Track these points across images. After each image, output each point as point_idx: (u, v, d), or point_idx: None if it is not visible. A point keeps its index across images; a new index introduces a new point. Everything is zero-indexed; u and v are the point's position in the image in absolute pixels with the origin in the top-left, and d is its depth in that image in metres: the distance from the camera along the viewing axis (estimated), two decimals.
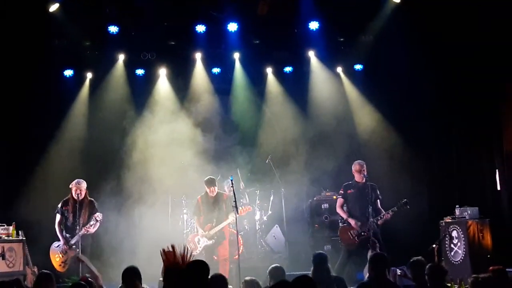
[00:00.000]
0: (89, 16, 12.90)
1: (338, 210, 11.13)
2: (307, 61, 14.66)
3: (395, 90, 13.72)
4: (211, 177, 11.67)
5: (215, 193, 11.41)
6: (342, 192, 11.15)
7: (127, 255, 12.75)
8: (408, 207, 10.42)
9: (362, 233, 10.61)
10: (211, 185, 11.43)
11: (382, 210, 10.64)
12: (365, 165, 10.99)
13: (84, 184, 11.10)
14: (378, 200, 10.82)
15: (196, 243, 11.35)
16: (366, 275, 10.42)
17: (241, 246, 12.50)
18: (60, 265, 10.85)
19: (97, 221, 10.81)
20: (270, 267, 8.25)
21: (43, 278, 7.58)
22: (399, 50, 13.04)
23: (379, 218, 10.52)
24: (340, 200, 11.14)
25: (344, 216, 10.93)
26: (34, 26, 12.57)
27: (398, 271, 8.83)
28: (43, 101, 13.20)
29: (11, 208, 12.28)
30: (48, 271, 7.72)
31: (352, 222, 10.75)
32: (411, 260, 7.74)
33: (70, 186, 11.04)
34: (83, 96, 14.05)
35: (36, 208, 12.58)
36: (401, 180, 13.02)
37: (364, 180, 10.87)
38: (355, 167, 11.02)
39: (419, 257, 7.77)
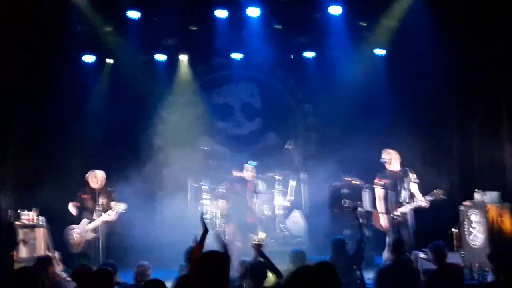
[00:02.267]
0: (110, 2, 12.95)
1: (377, 201, 11.00)
2: (329, 46, 14.56)
3: (418, 75, 13.57)
4: None
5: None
6: (377, 181, 11.01)
7: (147, 240, 12.91)
8: (442, 197, 10.30)
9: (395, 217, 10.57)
10: None
11: (418, 195, 10.53)
12: (394, 153, 10.85)
13: (101, 174, 11.22)
14: (415, 185, 10.69)
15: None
16: (385, 259, 10.49)
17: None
18: (73, 245, 10.99)
19: (118, 210, 10.94)
20: (291, 251, 8.29)
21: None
22: (422, 34, 12.89)
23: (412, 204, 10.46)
24: (379, 191, 10.97)
25: (379, 208, 10.90)
26: (56, 12, 12.63)
27: (421, 255, 8.76)
28: (65, 87, 13.24)
29: (33, 193, 12.36)
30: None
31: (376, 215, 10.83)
32: (432, 244, 7.70)
33: (87, 176, 11.14)
34: (104, 82, 14.12)
35: (57, 194, 12.65)
36: (422, 165, 12.91)
37: (397, 168, 10.77)
38: (383, 155, 10.91)
39: (440, 241, 7.73)
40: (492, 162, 12.01)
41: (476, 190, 10.87)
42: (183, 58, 14.82)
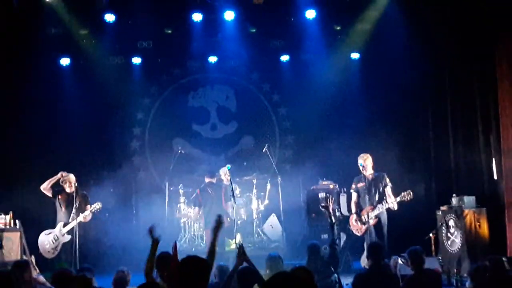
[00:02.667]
0: (86, 5, 12.84)
1: (352, 204, 11.22)
2: (303, 49, 14.63)
3: (391, 79, 13.70)
4: None
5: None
6: (353, 186, 11.26)
7: (123, 244, 12.84)
8: (409, 198, 10.44)
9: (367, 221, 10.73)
10: None
11: (390, 199, 10.67)
12: (369, 157, 11.00)
13: (73, 177, 11.12)
14: (388, 187, 10.84)
15: None
16: (363, 264, 10.57)
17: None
18: (49, 251, 10.88)
19: (93, 210, 10.87)
20: (268, 256, 8.27)
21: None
22: (396, 38, 13.01)
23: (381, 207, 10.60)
24: (354, 195, 11.23)
25: (353, 210, 11.09)
26: (30, 15, 12.51)
27: (400, 260, 8.81)
28: (39, 90, 13.14)
29: (8, 197, 12.24)
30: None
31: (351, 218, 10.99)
32: (410, 249, 7.77)
33: (61, 181, 11.05)
34: (80, 85, 13.95)
35: (32, 198, 12.55)
36: (398, 169, 13.02)
37: (370, 172, 10.90)
38: (359, 160, 11.05)
39: (417, 246, 7.80)
40: (469, 166, 12.16)
41: (453, 195, 10.97)
42: (159, 60, 14.74)
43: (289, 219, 13.21)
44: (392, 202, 10.56)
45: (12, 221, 11.00)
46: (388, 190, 10.82)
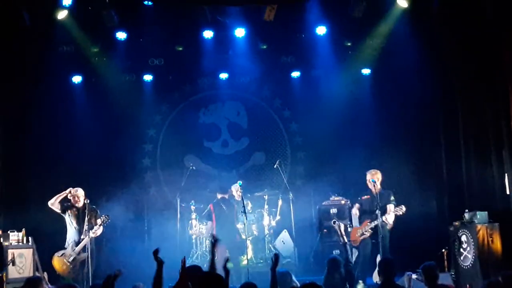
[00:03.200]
0: (97, 23, 12.95)
1: (353, 218, 11.47)
2: (314, 65, 14.67)
3: (402, 94, 13.71)
4: None
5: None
6: (359, 199, 11.44)
7: (136, 260, 12.85)
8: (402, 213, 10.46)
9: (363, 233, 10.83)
10: None
11: (389, 215, 10.68)
12: (377, 173, 11.01)
13: (80, 191, 11.14)
14: (391, 205, 10.86)
15: None
16: (375, 280, 10.52)
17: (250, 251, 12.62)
18: (69, 272, 10.87)
19: (102, 224, 10.89)
20: (278, 272, 8.26)
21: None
22: (406, 54, 13.01)
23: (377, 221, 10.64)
24: (356, 206, 11.42)
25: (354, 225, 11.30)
26: (42, 33, 12.63)
27: (414, 276, 8.73)
28: (52, 108, 13.27)
29: (21, 214, 12.32)
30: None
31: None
32: (424, 265, 7.74)
33: (70, 196, 11.06)
34: (92, 102, 14.05)
35: (45, 215, 12.60)
36: (410, 185, 13.00)
37: (378, 188, 10.89)
38: (368, 176, 11.08)
39: (431, 262, 7.76)
40: (481, 181, 12.07)
41: (465, 210, 10.90)
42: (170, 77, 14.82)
43: (300, 235, 13.19)
44: (386, 217, 10.62)
45: (25, 237, 11.09)
46: (391, 207, 10.85)
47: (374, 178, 10.95)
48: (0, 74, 12.27)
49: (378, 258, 10.51)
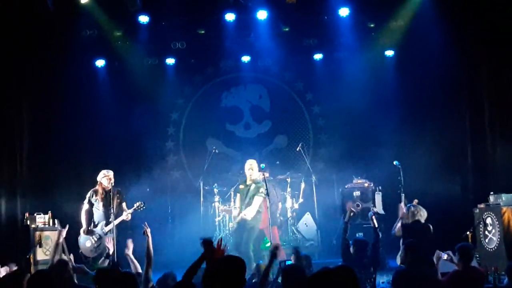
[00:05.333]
0: (120, 7, 12.96)
1: None
2: (337, 48, 14.58)
3: (426, 75, 13.58)
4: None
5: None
6: None
7: (159, 244, 12.94)
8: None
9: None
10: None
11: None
12: None
13: (112, 173, 11.20)
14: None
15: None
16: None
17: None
18: (91, 250, 10.92)
19: (136, 209, 10.96)
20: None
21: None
22: (431, 34, 12.89)
23: None
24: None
25: None
26: (65, 17, 12.67)
27: (445, 256, 8.55)
28: (76, 92, 13.35)
29: (47, 197, 12.48)
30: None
31: None
32: (460, 245, 7.74)
33: (100, 177, 11.09)
34: (115, 86, 14.13)
35: (69, 197, 12.78)
36: (435, 167, 12.92)
37: None
38: None
39: (468, 243, 7.72)
40: (506, 163, 11.98)
41: (491, 192, 10.82)
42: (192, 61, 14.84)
43: (323, 218, 13.17)
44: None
45: (51, 220, 11.24)
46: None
47: None
48: (24, 58, 12.36)
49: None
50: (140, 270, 8.68)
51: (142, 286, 7.18)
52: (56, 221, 11.30)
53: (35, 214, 11.14)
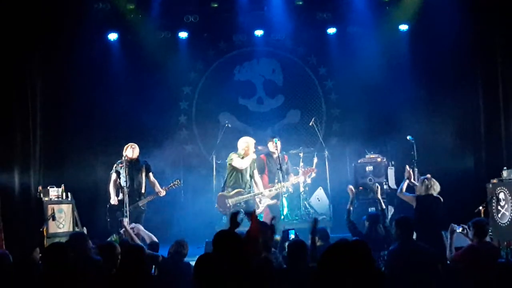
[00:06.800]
0: None
1: None
2: (351, 22, 14.46)
3: (441, 50, 13.46)
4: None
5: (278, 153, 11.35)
6: None
7: (173, 218, 13.07)
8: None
9: None
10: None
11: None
12: None
13: (136, 145, 11.25)
14: None
15: (258, 202, 11.19)
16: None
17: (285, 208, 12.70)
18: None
19: (172, 187, 11.38)
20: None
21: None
22: (445, 9, 12.75)
23: None
24: None
25: None
26: None
27: (460, 229, 8.37)
28: (89, 65, 13.32)
29: (59, 171, 12.55)
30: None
31: None
32: (475, 220, 7.72)
33: (126, 149, 11.09)
34: (127, 60, 14.11)
35: (83, 172, 12.87)
36: (447, 141, 12.87)
37: None
38: None
39: (483, 218, 7.68)
40: None
41: (504, 167, 10.76)
42: (205, 35, 14.77)
43: (336, 193, 13.16)
44: None
45: (64, 193, 11.31)
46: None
47: None
48: (36, 31, 12.35)
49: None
50: (155, 239, 8.82)
51: None
52: (69, 194, 11.37)
53: (48, 187, 11.19)
